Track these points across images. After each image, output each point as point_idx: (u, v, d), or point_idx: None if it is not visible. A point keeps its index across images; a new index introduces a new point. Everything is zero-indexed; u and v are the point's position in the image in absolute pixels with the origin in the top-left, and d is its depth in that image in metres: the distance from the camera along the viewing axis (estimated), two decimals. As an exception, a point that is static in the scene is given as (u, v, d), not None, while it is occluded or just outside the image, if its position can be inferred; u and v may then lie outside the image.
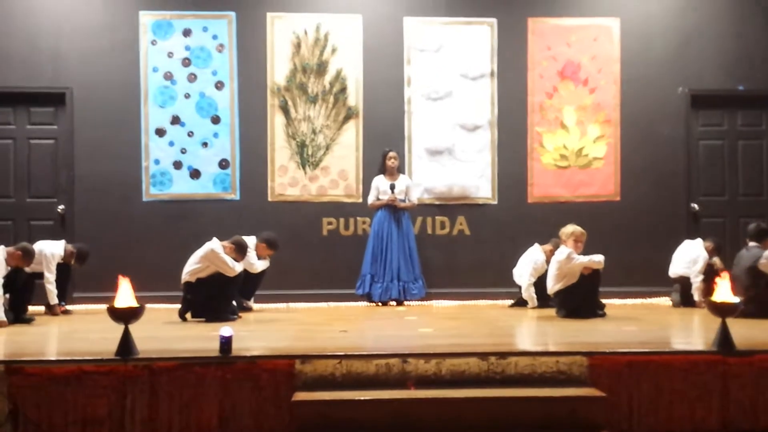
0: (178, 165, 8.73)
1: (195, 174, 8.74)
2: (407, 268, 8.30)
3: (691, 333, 6.19)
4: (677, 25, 9.03)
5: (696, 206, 9.00)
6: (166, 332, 6.03)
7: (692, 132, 9.09)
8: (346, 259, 8.65)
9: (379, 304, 8.27)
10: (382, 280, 8.27)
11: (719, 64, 9.02)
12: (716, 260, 7.81)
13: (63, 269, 7.60)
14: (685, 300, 7.84)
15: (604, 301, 7.16)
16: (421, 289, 8.36)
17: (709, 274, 7.54)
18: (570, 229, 7.03)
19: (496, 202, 8.95)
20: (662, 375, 4.70)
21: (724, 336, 4.82)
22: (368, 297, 8.32)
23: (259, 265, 7.65)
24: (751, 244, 7.20)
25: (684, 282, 7.88)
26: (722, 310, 4.90)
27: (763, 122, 9.18)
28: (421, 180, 8.87)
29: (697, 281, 7.71)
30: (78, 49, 8.68)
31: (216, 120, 8.76)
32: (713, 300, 5.03)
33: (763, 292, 6.86)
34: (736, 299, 5.01)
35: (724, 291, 5.01)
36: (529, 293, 7.74)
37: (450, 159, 8.92)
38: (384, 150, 8.47)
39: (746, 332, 5.42)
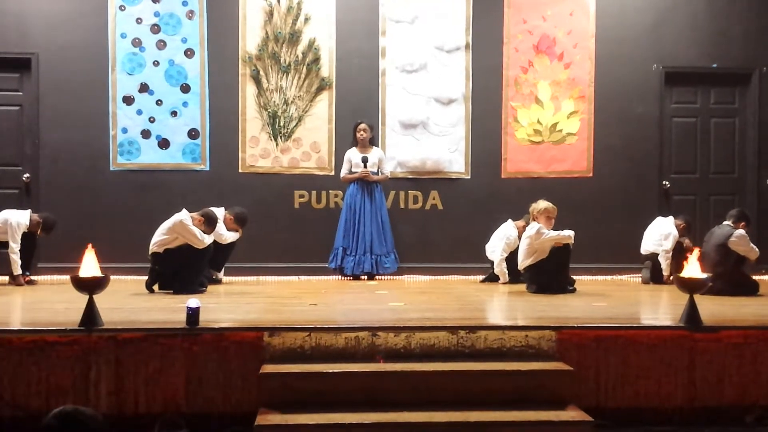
0: (146, 134, 8.57)
1: (164, 143, 8.59)
2: (380, 241, 8.25)
3: (659, 309, 6.24)
4: (652, 2, 9.00)
5: (667, 183, 9.03)
6: (133, 303, 5.97)
7: (665, 109, 9.10)
8: (317, 233, 8.58)
9: (351, 277, 8.23)
10: (354, 253, 8.21)
11: (693, 42, 9.01)
12: (686, 239, 7.87)
13: (29, 239, 7.48)
14: (655, 277, 7.91)
15: (574, 277, 7.20)
16: (393, 263, 8.33)
17: (679, 251, 7.61)
18: (542, 205, 7.04)
19: (469, 177, 8.91)
20: (629, 350, 4.74)
21: (692, 312, 4.87)
22: (341, 270, 8.27)
23: (229, 236, 7.57)
24: (725, 222, 7.25)
25: (655, 259, 7.94)
26: (690, 286, 4.94)
27: (736, 100, 9.21)
28: (395, 153, 8.80)
29: (665, 257, 7.78)
30: (44, 13, 8.47)
31: (186, 89, 8.60)
32: (681, 276, 5.07)
33: (732, 270, 6.93)
34: (704, 275, 5.05)
35: (692, 267, 5.05)
36: (501, 268, 7.75)
37: (424, 133, 8.85)
38: (355, 122, 8.39)
39: (714, 308, 5.49)
